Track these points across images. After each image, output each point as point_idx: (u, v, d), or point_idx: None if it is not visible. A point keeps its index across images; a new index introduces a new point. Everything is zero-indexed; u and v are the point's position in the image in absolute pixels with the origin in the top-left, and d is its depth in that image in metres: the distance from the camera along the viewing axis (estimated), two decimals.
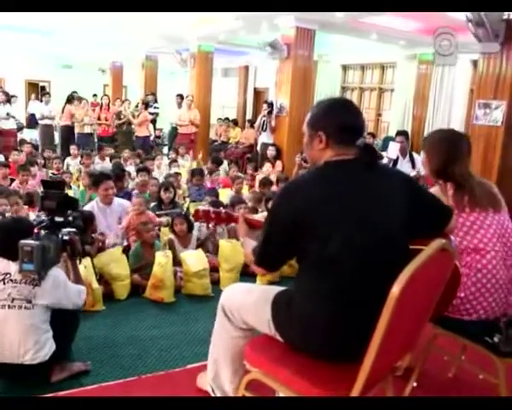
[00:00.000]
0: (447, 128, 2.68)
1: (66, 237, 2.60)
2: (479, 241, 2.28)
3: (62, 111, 10.82)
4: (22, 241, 2.31)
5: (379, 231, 1.70)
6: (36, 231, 2.47)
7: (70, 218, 2.68)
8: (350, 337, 1.70)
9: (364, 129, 1.90)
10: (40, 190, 3.95)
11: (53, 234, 2.54)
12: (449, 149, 2.40)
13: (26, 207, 4.73)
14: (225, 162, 9.08)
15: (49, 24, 10.00)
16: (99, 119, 10.80)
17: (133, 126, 10.91)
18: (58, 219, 2.61)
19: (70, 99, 11.06)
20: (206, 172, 7.47)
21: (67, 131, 10.66)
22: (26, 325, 2.45)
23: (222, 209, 2.47)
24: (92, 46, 13.40)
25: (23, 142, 9.70)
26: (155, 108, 12.21)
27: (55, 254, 2.51)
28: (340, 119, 1.82)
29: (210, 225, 4.71)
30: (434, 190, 2.43)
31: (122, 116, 10.94)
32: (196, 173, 6.86)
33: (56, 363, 2.64)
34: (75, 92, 12.12)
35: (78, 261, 2.79)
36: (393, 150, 5.75)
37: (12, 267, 2.45)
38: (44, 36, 11.90)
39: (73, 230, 2.67)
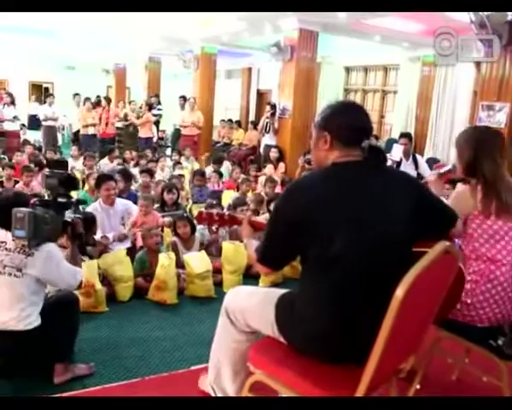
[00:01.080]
0: (481, 125, 2.62)
1: (68, 219, 2.60)
2: (497, 252, 2.24)
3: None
4: (15, 208, 2.32)
5: (382, 233, 1.70)
6: (32, 202, 2.49)
7: (73, 200, 2.68)
8: (352, 340, 1.70)
9: (371, 131, 1.90)
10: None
11: (56, 212, 2.52)
12: (477, 145, 2.33)
13: None
14: (228, 164, 9.07)
15: (53, 25, 10.02)
16: (100, 120, 10.80)
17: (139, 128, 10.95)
18: (60, 199, 2.60)
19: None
20: (210, 171, 7.51)
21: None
22: (15, 292, 2.44)
23: (225, 211, 2.47)
24: (95, 47, 13.43)
25: (26, 142, 9.73)
26: (158, 109, 12.22)
27: (53, 230, 2.47)
28: (344, 120, 1.83)
29: (213, 228, 4.71)
30: (460, 190, 2.39)
31: (128, 118, 10.94)
32: (197, 174, 6.86)
33: (59, 363, 2.65)
34: (77, 94, 12.17)
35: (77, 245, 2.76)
36: (397, 152, 5.75)
37: (8, 236, 2.44)
38: (48, 37, 11.93)
39: (78, 215, 2.68)
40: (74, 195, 5.61)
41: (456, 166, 2.46)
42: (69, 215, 2.64)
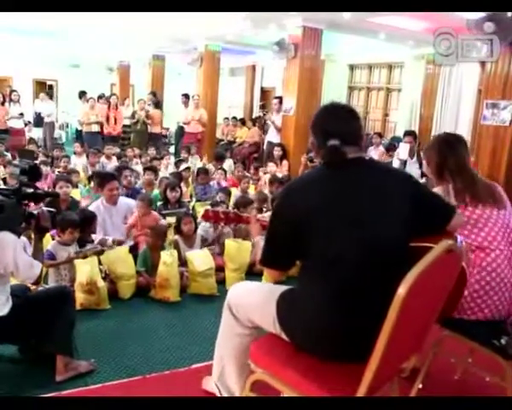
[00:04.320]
0: (443, 133, 2.84)
1: (35, 211, 2.56)
2: (483, 239, 2.28)
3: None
4: None
5: (379, 232, 1.70)
6: None
7: (40, 192, 2.63)
8: (352, 337, 1.70)
9: (346, 133, 1.84)
10: None
11: (16, 202, 2.47)
12: (443, 147, 2.49)
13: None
14: (231, 161, 9.08)
15: (57, 23, 10.02)
16: (107, 118, 10.77)
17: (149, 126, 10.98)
18: (26, 189, 2.54)
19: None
20: (213, 169, 7.51)
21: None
22: None
23: (231, 210, 2.50)
24: (100, 45, 13.43)
25: (31, 141, 9.75)
26: None
27: (9, 219, 2.43)
28: (318, 125, 1.91)
29: (220, 226, 4.72)
30: (437, 189, 2.43)
31: (136, 115, 10.92)
32: (201, 172, 6.85)
33: (60, 360, 2.64)
34: (84, 92, 12.19)
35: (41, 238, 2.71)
36: (404, 151, 5.75)
37: None
38: (52, 35, 11.94)
39: (51, 209, 2.65)
40: (77, 192, 5.70)
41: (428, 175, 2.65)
42: (41, 208, 2.62)
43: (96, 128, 10.46)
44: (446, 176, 2.43)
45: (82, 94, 12.29)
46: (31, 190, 2.55)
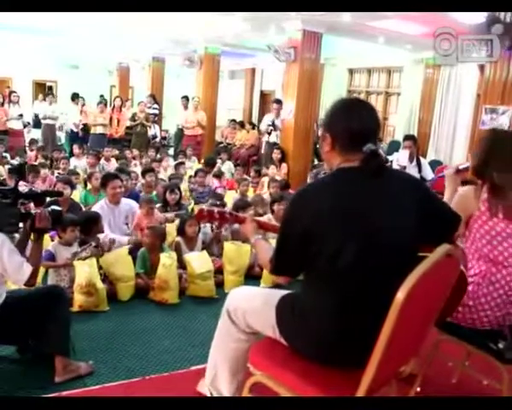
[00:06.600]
0: (503, 129, 2.53)
1: (33, 211, 2.54)
2: (499, 253, 2.22)
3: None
4: None
5: (388, 243, 1.67)
6: None
7: (37, 191, 2.64)
8: (356, 347, 1.68)
9: (374, 134, 1.80)
10: None
11: (12, 202, 2.46)
12: (491, 149, 2.30)
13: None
14: (231, 164, 9.09)
15: (57, 24, 10.03)
16: (111, 120, 10.76)
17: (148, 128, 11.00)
18: (24, 189, 2.55)
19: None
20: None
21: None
22: None
23: (227, 209, 2.46)
24: (99, 47, 13.44)
25: (33, 142, 9.74)
26: (154, 108, 12.17)
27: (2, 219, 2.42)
28: (345, 123, 1.76)
29: (214, 227, 4.73)
30: (464, 190, 2.37)
31: (136, 117, 10.94)
32: (199, 173, 6.87)
33: (59, 362, 2.64)
34: (77, 95, 12.21)
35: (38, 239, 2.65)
36: (404, 157, 5.78)
37: None
38: (52, 36, 11.94)
39: (57, 208, 2.65)
40: (76, 194, 5.70)
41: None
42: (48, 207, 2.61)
43: (101, 130, 10.43)
44: (484, 178, 2.28)
45: (75, 96, 12.30)
46: (27, 190, 2.55)
